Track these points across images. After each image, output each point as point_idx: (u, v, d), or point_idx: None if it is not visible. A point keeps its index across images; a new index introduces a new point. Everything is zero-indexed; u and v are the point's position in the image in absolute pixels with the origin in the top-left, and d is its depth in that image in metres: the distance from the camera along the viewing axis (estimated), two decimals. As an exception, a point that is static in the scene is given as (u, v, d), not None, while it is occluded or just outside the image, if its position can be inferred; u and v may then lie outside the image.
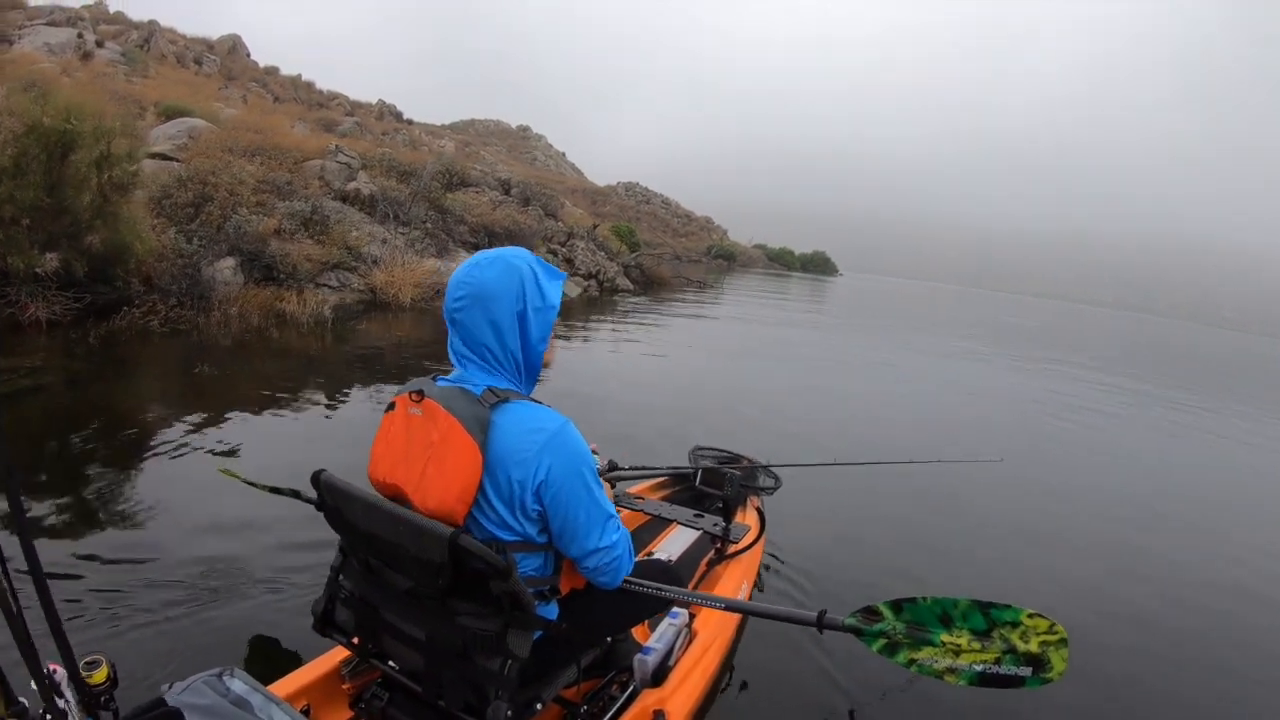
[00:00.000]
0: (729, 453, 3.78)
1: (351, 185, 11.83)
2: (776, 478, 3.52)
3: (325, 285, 9.49)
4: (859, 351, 13.50)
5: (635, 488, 3.30)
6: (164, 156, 10.05)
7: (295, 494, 2.38)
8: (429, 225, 12.47)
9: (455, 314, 1.47)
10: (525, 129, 70.64)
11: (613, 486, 2.48)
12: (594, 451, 1.61)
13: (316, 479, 1.57)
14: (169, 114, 11.92)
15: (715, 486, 3.31)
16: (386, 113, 33.32)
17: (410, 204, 12.11)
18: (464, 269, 1.49)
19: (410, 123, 34.56)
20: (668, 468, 3.53)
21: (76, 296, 6.36)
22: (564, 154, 69.68)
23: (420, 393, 1.44)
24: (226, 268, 8.23)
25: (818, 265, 68.45)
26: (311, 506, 1.94)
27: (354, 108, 30.09)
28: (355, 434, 4.53)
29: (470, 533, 1.40)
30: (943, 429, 7.68)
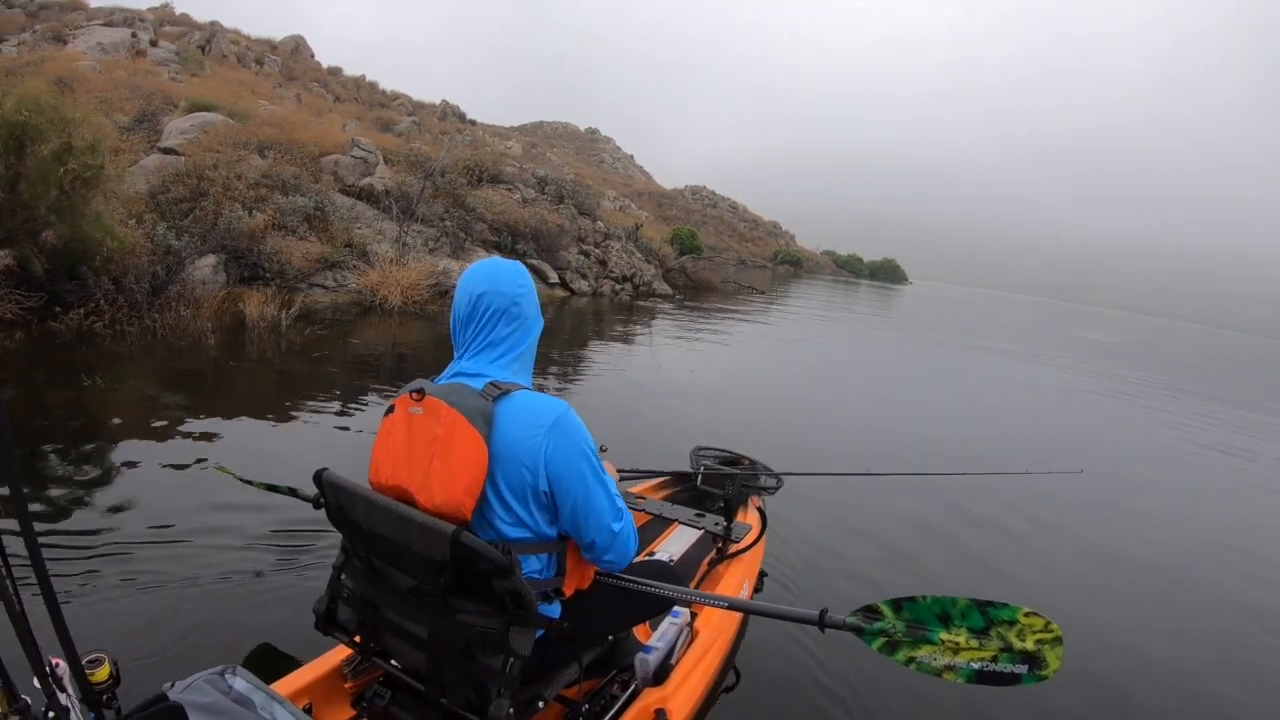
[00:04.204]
0: (730, 453, 3.85)
1: (366, 180, 11.43)
2: (778, 477, 3.58)
3: (319, 286, 9.07)
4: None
5: (637, 487, 3.40)
6: (170, 151, 9.80)
7: (292, 492, 2.49)
8: (447, 223, 11.94)
9: (474, 316, 1.56)
10: (593, 131, 71.23)
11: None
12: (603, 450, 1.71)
13: (319, 478, 1.62)
14: (195, 109, 11.78)
15: (716, 486, 3.37)
16: (450, 113, 33.36)
17: (418, 199, 11.57)
18: (481, 271, 1.59)
19: (474, 123, 34.58)
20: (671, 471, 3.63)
21: (33, 295, 6.19)
22: (632, 156, 69.97)
23: (421, 391, 1.50)
24: (206, 266, 7.86)
25: (887, 273, 67.05)
26: (310, 505, 2.15)
27: (415, 108, 30.17)
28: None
29: (476, 532, 1.46)
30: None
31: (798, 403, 8.17)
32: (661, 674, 2.00)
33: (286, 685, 1.77)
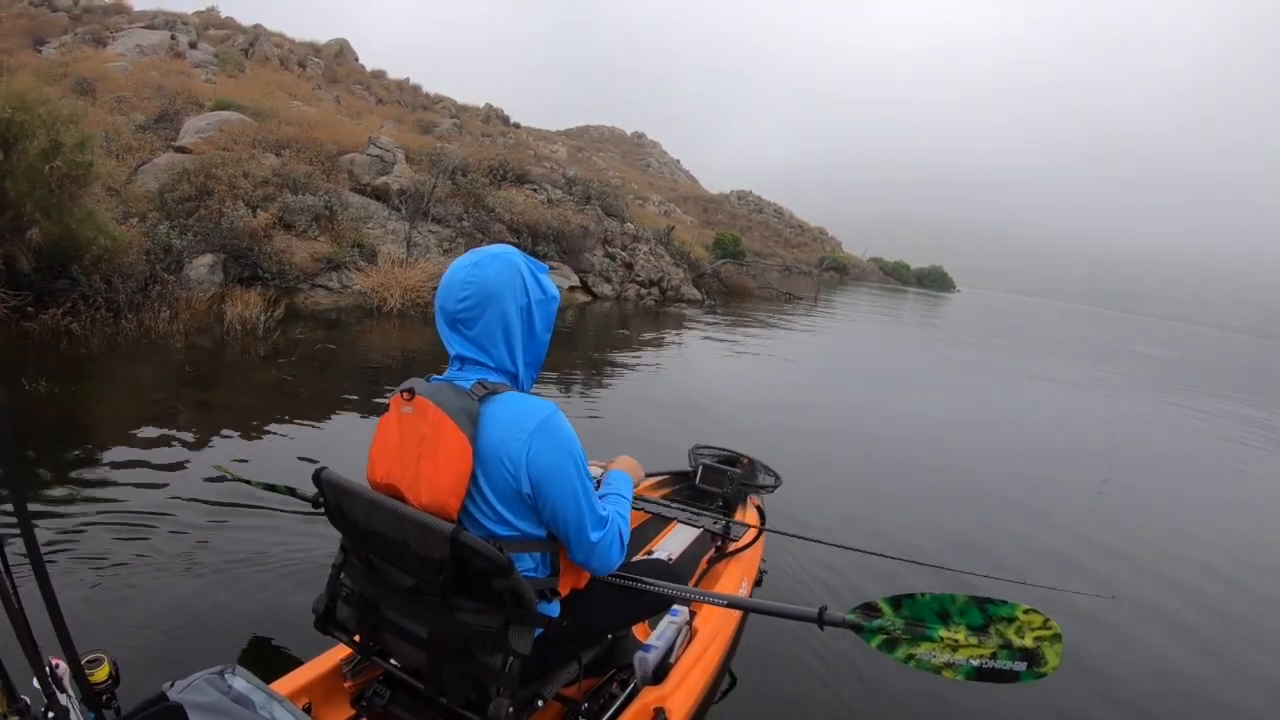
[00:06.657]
0: (729, 451, 3.83)
1: (381, 179, 11.27)
2: (776, 476, 3.58)
3: (322, 286, 8.90)
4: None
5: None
6: (183, 149, 9.78)
7: (291, 491, 2.56)
8: (465, 223, 11.71)
9: (459, 315, 1.53)
10: (640, 135, 71.51)
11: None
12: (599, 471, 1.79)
13: (318, 477, 1.65)
14: (220, 109, 11.81)
15: (715, 485, 3.39)
16: (493, 116, 33.46)
17: (429, 197, 11.35)
18: (462, 270, 1.56)
19: (517, 126, 34.59)
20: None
21: (19, 293, 6.14)
22: (678, 161, 69.91)
23: (411, 391, 1.51)
24: (203, 265, 7.70)
25: (934, 280, 66.09)
26: (309, 504, 2.25)
27: (459, 111, 30.29)
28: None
29: (466, 529, 1.47)
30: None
31: (811, 425, 7.43)
32: (661, 672, 2.03)
33: (286, 684, 1.80)
